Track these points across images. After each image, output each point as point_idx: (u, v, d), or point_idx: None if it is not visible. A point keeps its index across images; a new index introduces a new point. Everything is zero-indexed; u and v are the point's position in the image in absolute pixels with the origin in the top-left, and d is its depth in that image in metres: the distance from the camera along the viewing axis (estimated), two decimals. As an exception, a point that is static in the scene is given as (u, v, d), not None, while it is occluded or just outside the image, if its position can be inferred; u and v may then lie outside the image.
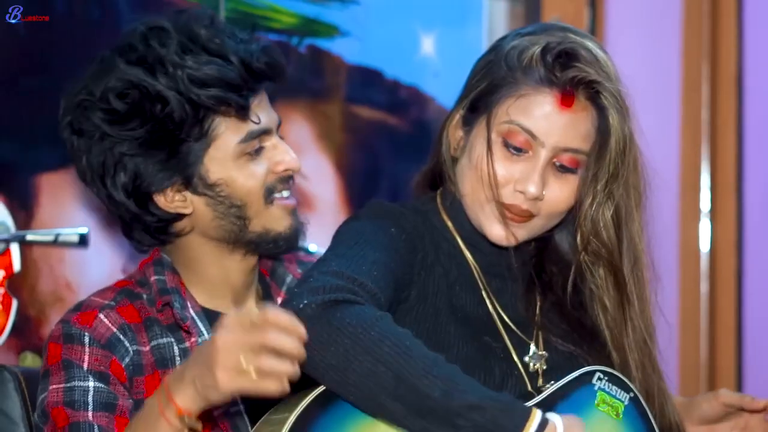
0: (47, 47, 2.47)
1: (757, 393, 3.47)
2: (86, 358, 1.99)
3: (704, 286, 3.56)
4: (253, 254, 2.12)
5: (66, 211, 2.50)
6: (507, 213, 2.00)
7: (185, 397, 1.79)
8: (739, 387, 3.52)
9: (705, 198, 3.58)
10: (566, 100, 1.97)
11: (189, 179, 2.04)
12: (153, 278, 2.09)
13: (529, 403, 1.91)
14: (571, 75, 1.96)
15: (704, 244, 3.58)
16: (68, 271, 2.50)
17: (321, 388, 1.79)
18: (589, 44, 2.01)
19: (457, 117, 2.09)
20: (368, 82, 2.99)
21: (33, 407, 2.10)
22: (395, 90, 3.05)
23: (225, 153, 2.04)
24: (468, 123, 2.06)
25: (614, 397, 1.98)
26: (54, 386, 1.98)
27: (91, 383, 1.97)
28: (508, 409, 1.73)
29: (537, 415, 1.73)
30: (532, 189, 1.98)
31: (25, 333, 2.44)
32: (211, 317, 2.06)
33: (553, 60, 1.97)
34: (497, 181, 1.99)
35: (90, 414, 1.95)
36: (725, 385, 3.53)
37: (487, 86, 2.03)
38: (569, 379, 1.97)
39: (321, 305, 1.76)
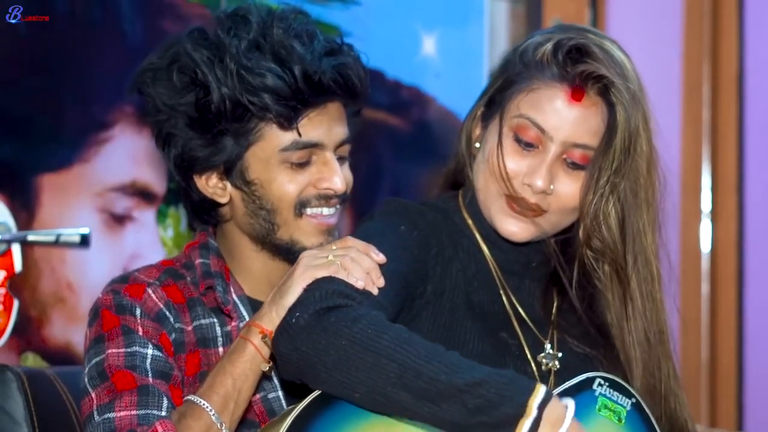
0: (48, 47, 2.47)
1: (758, 393, 3.48)
2: (140, 329, 2.01)
3: (705, 287, 3.56)
4: (282, 259, 2.12)
5: (67, 212, 2.50)
6: (516, 206, 2.01)
7: (266, 319, 1.90)
8: (739, 387, 3.52)
9: (706, 198, 3.58)
10: (576, 94, 1.97)
11: (229, 170, 2.07)
12: (198, 261, 2.10)
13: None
14: (581, 69, 1.97)
15: (705, 245, 3.58)
16: (69, 272, 2.50)
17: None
18: (606, 43, 2.01)
19: (477, 114, 2.11)
20: (369, 83, 2.98)
21: (36, 407, 2.10)
22: (396, 90, 3.05)
23: (268, 155, 2.05)
24: (485, 119, 2.08)
25: (616, 402, 1.97)
26: (113, 350, 1.98)
27: (150, 350, 1.99)
28: (514, 382, 1.73)
29: (542, 387, 1.73)
30: (540, 182, 1.98)
31: (26, 333, 2.43)
32: (254, 305, 2.08)
33: (564, 55, 1.98)
34: (507, 174, 2.00)
35: (150, 380, 1.96)
36: (726, 386, 3.53)
37: (503, 82, 2.05)
38: (569, 384, 1.97)
39: (313, 314, 1.77)
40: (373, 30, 3.00)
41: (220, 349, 2.05)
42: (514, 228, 2.02)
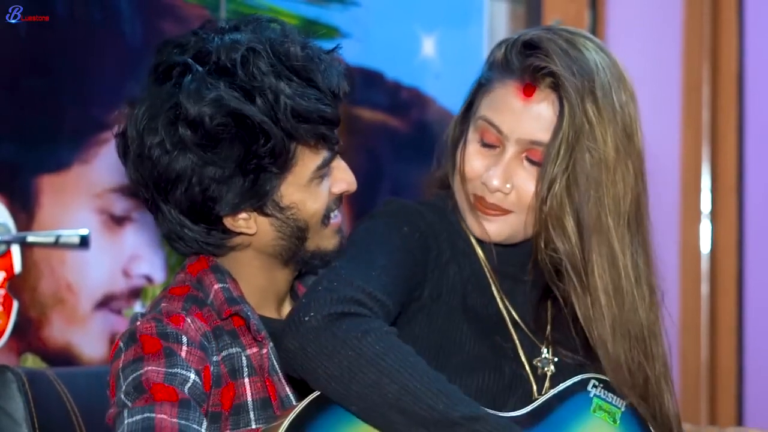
0: (48, 48, 2.47)
1: (758, 393, 3.48)
2: (183, 353, 1.91)
3: (705, 287, 3.56)
4: (293, 270, 2.08)
5: (67, 213, 2.50)
6: (479, 205, 2.01)
7: None
8: (739, 388, 3.53)
9: (706, 199, 3.58)
10: (527, 89, 1.96)
11: (262, 204, 1.99)
12: (217, 286, 2.01)
13: (526, 409, 1.94)
14: (528, 63, 1.95)
15: (705, 245, 3.58)
16: (69, 273, 2.49)
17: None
18: (574, 39, 1.98)
19: (458, 119, 2.11)
20: (369, 84, 2.99)
21: (36, 407, 2.10)
22: (396, 91, 3.06)
23: (302, 179, 1.99)
24: (464, 121, 2.09)
25: (610, 403, 1.98)
26: (153, 367, 1.87)
27: (192, 375, 1.89)
28: (508, 426, 1.75)
29: None
30: (495, 182, 1.98)
31: (26, 334, 2.43)
32: (266, 323, 2.02)
33: (515, 52, 1.98)
34: (467, 174, 2.01)
35: (191, 399, 1.86)
36: (726, 386, 3.53)
37: (476, 86, 2.06)
38: (565, 386, 1.97)
39: (327, 317, 1.76)
40: (373, 31, 3.00)
41: (246, 380, 1.99)
42: (484, 228, 2.02)
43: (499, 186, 1.98)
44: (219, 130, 1.90)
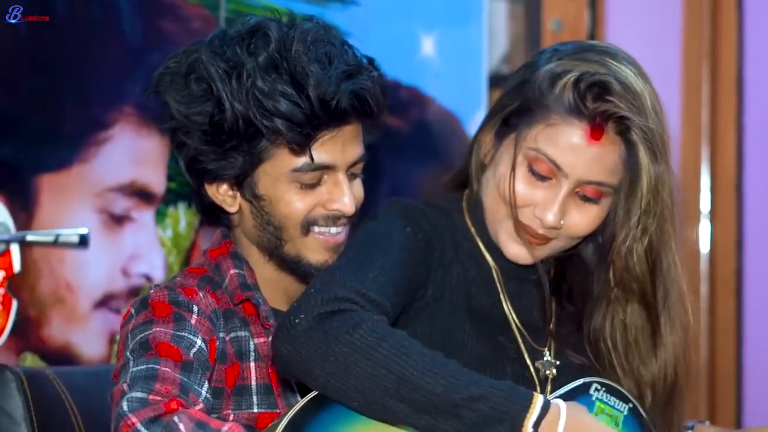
0: (48, 47, 2.47)
1: (757, 394, 3.48)
2: (193, 320, 1.96)
3: (704, 287, 3.56)
4: (288, 272, 2.09)
5: (66, 212, 2.50)
6: (523, 233, 2.00)
7: None
8: (738, 388, 3.52)
9: (705, 199, 3.58)
10: (595, 133, 1.94)
11: (239, 182, 2.04)
12: (233, 271, 2.06)
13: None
14: (602, 108, 1.92)
15: (704, 245, 3.58)
16: (68, 272, 2.49)
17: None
18: (628, 73, 1.96)
19: (490, 126, 2.07)
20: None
21: (35, 407, 2.10)
22: (395, 91, 3.05)
23: (278, 173, 2.01)
24: (499, 135, 2.05)
25: (612, 407, 1.98)
26: (161, 329, 1.92)
27: (199, 341, 1.93)
28: (511, 395, 1.74)
29: (539, 399, 1.74)
30: (550, 218, 1.97)
31: (25, 334, 2.43)
32: (278, 316, 2.04)
33: (584, 91, 1.93)
34: (516, 203, 1.98)
35: (195, 362, 1.91)
36: (725, 387, 3.53)
37: (519, 106, 2.00)
38: (567, 389, 1.97)
39: (316, 317, 1.77)
40: (372, 30, 2.99)
41: (252, 364, 2.02)
42: (520, 252, 2.02)
43: (554, 223, 1.97)
44: (198, 92, 2.00)
